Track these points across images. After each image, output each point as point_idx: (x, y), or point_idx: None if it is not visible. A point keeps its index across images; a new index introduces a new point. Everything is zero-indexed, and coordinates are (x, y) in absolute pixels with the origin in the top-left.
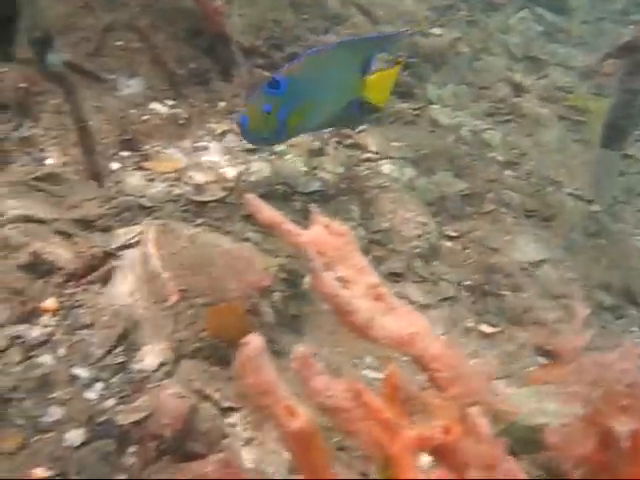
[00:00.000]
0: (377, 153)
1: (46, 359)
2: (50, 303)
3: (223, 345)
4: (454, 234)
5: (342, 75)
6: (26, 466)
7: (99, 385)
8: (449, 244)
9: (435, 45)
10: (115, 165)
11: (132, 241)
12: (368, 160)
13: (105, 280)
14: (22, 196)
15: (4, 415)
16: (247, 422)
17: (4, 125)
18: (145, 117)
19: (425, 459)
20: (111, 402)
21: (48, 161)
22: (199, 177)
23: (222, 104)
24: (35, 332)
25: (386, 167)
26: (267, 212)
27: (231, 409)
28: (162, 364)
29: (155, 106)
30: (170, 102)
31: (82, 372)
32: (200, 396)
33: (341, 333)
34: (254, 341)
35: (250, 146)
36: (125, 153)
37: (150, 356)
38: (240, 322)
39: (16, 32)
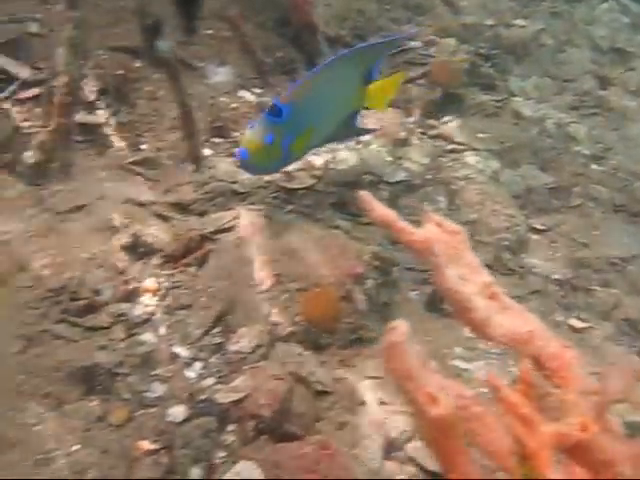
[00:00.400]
0: (462, 144)
1: (148, 337)
2: (150, 283)
3: (316, 330)
4: (541, 227)
5: (344, 90)
6: (132, 438)
7: (198, 364)
8: (536, 237)
9: (518, 36)
10: (207, 151)
11: (227, 225)
12: (453, 151)
13: (201, 263)
14: (120, 179)
15: (112, 389)
16: (340, 406)
17: (104, 110)
18: (234, 105)
19: None
20: (210, 381)
21: (143, 146)
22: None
23: None
24: (137, 311)
25: (471, 158)
26: (380, 210)
27: (324, 393)
28: (258, 346)
29: (243, 94)
30: (257, 90)
31: (182, 351)
32: (295, 379)
33: (430, 322)
34: (400, 327)
35: None
36: (216, 139)
37: (246, 338)
38: (333, 308)
39: (199, 8)
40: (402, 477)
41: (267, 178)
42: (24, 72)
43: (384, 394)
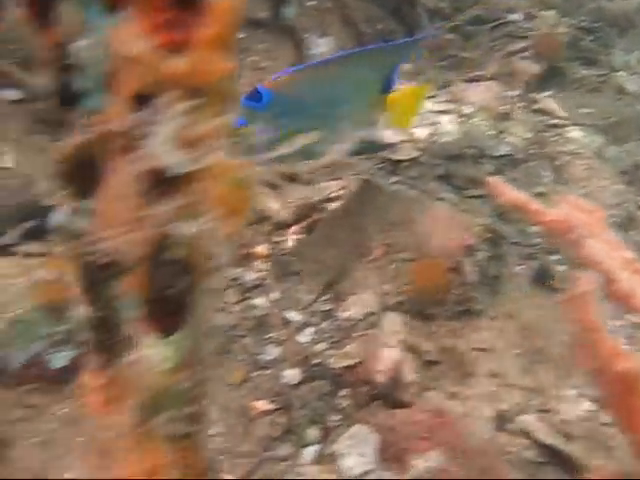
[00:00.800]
0: (565, 119)
1: (260, 301)
2: (262, 249)
3: (425, 300)
4: None
5: (355, 93)
6: (249, 398)
7: (310, 329)
8: None
9: (622, 9)
10: None
11: (335, 195)
12: (556, 126)
13: (310, 231)
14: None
15: (229, 350)
16: (450, 377)
17: None
18: None
19: None
20: (322, 346)
21: None
22: (392, 136)
23: (406, 66)
24: (249, 276)
25: (575, 133)
26: (511, 193)
27: (434, 362)
28: (368, 314)
29: None
30: None
31: (294, 316)
32: (405, 347)
33: (538, 297)
34: (589, 277)
35: (438, 107)
36: None
37: (356, 306)
38: (442, 279)
39: None
40: (514, 449)
41: None
42: None
43: (494, 366)
